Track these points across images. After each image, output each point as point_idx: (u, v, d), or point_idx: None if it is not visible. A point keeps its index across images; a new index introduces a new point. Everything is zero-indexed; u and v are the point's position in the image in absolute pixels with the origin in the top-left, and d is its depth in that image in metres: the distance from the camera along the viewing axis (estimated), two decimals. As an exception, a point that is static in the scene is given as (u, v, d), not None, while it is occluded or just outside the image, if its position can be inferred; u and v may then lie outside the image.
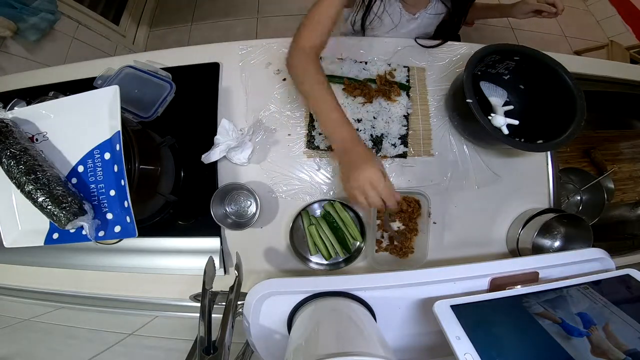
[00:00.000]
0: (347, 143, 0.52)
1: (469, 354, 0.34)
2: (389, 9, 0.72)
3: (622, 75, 0.87)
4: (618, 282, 0.45)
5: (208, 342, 0.38)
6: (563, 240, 0.70)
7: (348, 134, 0.52)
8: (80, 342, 0.63)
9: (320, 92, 0.54)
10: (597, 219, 0.83)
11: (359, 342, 0.35)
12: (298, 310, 0.46)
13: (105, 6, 1.85)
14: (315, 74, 0.56)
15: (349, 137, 0.52)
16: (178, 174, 0.69)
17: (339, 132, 0.53)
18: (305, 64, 0.56)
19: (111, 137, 0.50)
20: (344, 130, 0.53)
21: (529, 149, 0.64)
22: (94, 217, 0.50)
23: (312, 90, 0.55)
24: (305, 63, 0.56)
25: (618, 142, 0.95)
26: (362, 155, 0.51)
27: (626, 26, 2.10)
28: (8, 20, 1.26)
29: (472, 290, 0.47)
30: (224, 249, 0.68)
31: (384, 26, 0.77)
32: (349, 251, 0.66)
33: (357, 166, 0.50)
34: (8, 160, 0.47)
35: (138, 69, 0.74)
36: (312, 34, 0.58)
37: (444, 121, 0.74)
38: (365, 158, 0.50)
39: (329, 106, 0.53)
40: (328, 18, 0.58)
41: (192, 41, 2.06)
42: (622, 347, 0.35)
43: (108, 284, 0.69)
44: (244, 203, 0.68)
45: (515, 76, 0.72)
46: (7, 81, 0.84)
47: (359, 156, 0.51)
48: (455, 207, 0.71)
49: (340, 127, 0.53)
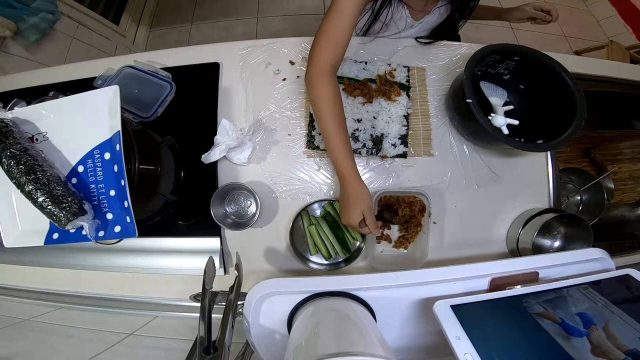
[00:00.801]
0: (346, 177, 0.57)
1: (469, 354, 0.34)
2: (395, 16, 0.73)
3: (622, 75, 0.87)
4: (618, 282, 0.45)
5: (208, 342, 0.39)
6: (563, 240, 0.70)
7: (347, 169, 0.57)
8: (80, 342, 0.63)
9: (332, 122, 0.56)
10: (597, 219, 0.83)
11: (359, 342, 0.35)
12: (298, 310, 0.46)
13: (105, 6, 1.85)
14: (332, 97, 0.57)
15: (347, 173, 0.57)
16: (178, 174, 0.69)
17: (341, 164, 0.57)
18: (322, 83, 0.57)
19: (111, 137, 0.50)
20: (346, 165, 0.57)
21: (529, 149, 0.64)
22: (94, 217, 0.50)
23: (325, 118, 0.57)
24: (321, 82, 0.57)
25: (618, 142, 0.95)
26: (352, 195, 0.56)
27: (626, 26, 2.10)
28: (8, 20, 1.26)
29: (472, 290, 0.47)
30: (224, 249, 0.68)
31: (388, 32, 0.77)
32: (349, 251, 0.66)
33: (347, 206, 0.57)
34: (8, 160, 0.47)
35: (138, 69, 0.74)
36: (328, 50, 0.58)
37: (444, 121, 0.74)
38: (355, 198, 0.56)
39: (339, 138, 0.56)
40: (343, 30, 0.58)
41: (192, 41, 2.07)
42: (622, 347, 0.35)
43: (108, 284, 0.69)
44: (244, 203, 0.68)
45: (515, 76, 0.72)
46: (7, 81, 0.84)
47: (349, 196, 0.57)
48: (455, 207, 0.71)
49: (343, 160, 0.57)
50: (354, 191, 0.56)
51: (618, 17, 2.14)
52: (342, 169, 0.57)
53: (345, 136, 0.57)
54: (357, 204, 0.56)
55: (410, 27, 0.77)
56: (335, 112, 0.57)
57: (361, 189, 0.56)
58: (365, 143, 0.70)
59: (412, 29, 0.77)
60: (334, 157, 0.57)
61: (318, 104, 0.57)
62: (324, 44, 0.58)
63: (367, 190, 0.57)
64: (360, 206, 0.56)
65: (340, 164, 0.57)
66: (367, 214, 0.56)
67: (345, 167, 0.56)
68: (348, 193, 0.57)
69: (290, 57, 0.77)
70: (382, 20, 0.72)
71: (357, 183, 0.57)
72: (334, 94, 0.57)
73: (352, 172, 0.57)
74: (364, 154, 0.70)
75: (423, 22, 0.76)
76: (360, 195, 0.56)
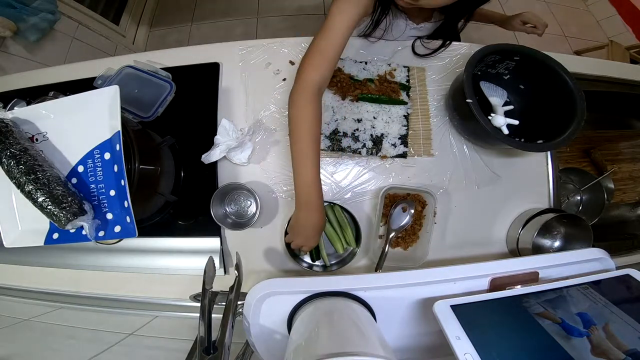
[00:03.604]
0: (307, 205, 0.55)
1: (469, 354, 0.34)
2: (394, 22, 0.73)
3: (622, 75, 0.87)
4: (618, 282, 0.45)
5: (208, 342, 0.39)
6: (563, 240, 0.70)
7: (314, 196, 0.55)
8: (80, 342, 0.63)
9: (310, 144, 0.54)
10: (597, 219, 0.83)
11: (359, 342, 0.35)
12: (298, 310, 0.46)
13: (105, 6, 1.85)
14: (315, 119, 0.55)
15: (311, 202, 0.55)
16: (178, 174, 0.69)
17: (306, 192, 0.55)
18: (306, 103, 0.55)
19: (111, 137, 0.50)
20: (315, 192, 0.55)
21: (529, 149, 0.64)
22: (94, 217, 0.50)
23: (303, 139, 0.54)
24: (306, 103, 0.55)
25: (618, 142, 0.95)
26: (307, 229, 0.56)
27: (626, 26, 2.10)
28: (8, 20, 1.26)
29: (472, 290, 0.47)
30: (224, 249, 0.68)
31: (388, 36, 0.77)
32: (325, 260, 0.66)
33: (298, 233, 0.57)
34: (8, 160, 0.47)
35: (138, 69, 0.74)
36: (316, 69, 0.56)
37: (444, 121, 0.74)
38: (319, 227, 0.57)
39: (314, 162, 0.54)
40: (333, 49, 0.57)
41: (192, 41, 2.07)
42: (622, 347, 0.35)
43: (108, 284, 0.69)
44: (244, 203, 0.68)
45: (515, 76, 0.72)
46: (7, 81, 0.84)
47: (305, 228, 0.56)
48: (455, 207, 0.71)
49: (309, 188, 0.55)
50: (318, 220, 0.56)
51: (618, 17, 2.14)
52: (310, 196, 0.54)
53: (319, 159, 0.55)
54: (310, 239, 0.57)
55: (410, 31, 0.77)
56: (315, 134, 0.55)
57: (323, 218, 0.57)
58: (365, 143, 0.70)
59: (411, 33, 0.78)
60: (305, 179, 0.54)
61: (297, 124, 0.55)
62: (313, 62, 0.56)
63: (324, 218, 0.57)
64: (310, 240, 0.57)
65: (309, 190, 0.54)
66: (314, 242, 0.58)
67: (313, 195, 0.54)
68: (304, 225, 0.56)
69: (290, 57, 0.77)
70: (382, 27, 0.72)
71: (322, 211, 0.56)
72: (317, 116, 0.55)
73: (320, 199, 0.55)
74: (364, 154, 0.70)
75: (423, 28, 0.77)
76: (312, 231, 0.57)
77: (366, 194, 0.70)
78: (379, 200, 0.65)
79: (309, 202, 0.55)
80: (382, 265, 0.63)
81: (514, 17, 0.90)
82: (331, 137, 0.70)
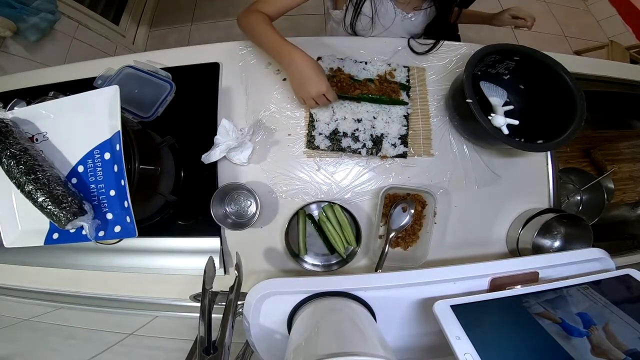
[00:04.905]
0: (288, 55, 0.60)
1: (469, 354, 0.34)
2: (380, 8, 0.72)
3: (622, 75, 0.87)
4: (618, 282, 0.45)
5: (208, 342, 0.39)
6: (563, 240, 0.70)
7: (294, 49, 0.60)
8: (80, 342, 0.63)
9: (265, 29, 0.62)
10: (597, 219, 0.83)
11: (359, 342, 0.35)
12: (298, 310, 0.46)
13: (105, 6, 1.85)
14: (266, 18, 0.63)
15: (296, 52, 0.60)
16: (178, 174, 0.69)
17: (286, 49, 0.60)
18: (251, 12, 0.64)
19: (111, 137, 0.50)
20: (290, 48, 0.60)
21: (529, 149, 0.64)
22: (94, 217, 0.50)
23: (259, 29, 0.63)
24: (251, 12, 0.64)
25: (618, 142, 0.95)
26: (313, 70, 0.59)
27: (626, 26, 2.10)
28: (8, 20, 1.26)
29: (472, 290, 0.47)
30: (224, 249, 0.68)
31: (375, 29, 0.77)
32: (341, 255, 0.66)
33: (310, 79, 0.60)
34: (8, 160, 0.47)
35: (138, 69, 0.74)
36: (269, 5, 0.65)
37: (444, 121, 0.74)
38: (316, 72, 0.59)
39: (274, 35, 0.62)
40: None
41: (192, 41, 2.07)
42: (622, 347, 0.35)
43: (108, 284, 0.69)
44: (244, 203, 0.68)
45: (515, 76, 0.72)
46: (7, 81, 0.84)
47: (310, 70, 0.59)
48: (455, 207, 0.71)
49: (287, 46, 0.61)
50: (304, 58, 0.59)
51: (618, 17, 2.14)
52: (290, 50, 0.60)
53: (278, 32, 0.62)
54: (320, 76, 0.59)
55: (401, 22, 0.77)
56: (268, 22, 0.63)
57: (314, 63, 0.60)
58: (365, 143, 0.70)
59: (403, 24, 0.77)
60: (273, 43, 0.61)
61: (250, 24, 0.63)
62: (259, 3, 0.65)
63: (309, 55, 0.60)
64: (323, 77, 0.60)
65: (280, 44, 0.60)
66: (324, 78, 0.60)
67: (292, 48, 0.60)
68: (305, 68, 0.59)
69: (290, 57, 0.76)
70: (368, 14, 0.72)
71: (301, 50, 0.59)
72: (265, 17, 0.63)
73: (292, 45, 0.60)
74: (364, 154, 0.70)
75: (414, 18, 0.77)
76: (318, 69, 0.60)
77: (366, 194, 0.70)
78: (379, 200, 0.65)
79: (286, 52, 0.60)
80: (382, 265, 0.63)
81: (502, 12, 0.91)
82: (331, 137, 0.70)
